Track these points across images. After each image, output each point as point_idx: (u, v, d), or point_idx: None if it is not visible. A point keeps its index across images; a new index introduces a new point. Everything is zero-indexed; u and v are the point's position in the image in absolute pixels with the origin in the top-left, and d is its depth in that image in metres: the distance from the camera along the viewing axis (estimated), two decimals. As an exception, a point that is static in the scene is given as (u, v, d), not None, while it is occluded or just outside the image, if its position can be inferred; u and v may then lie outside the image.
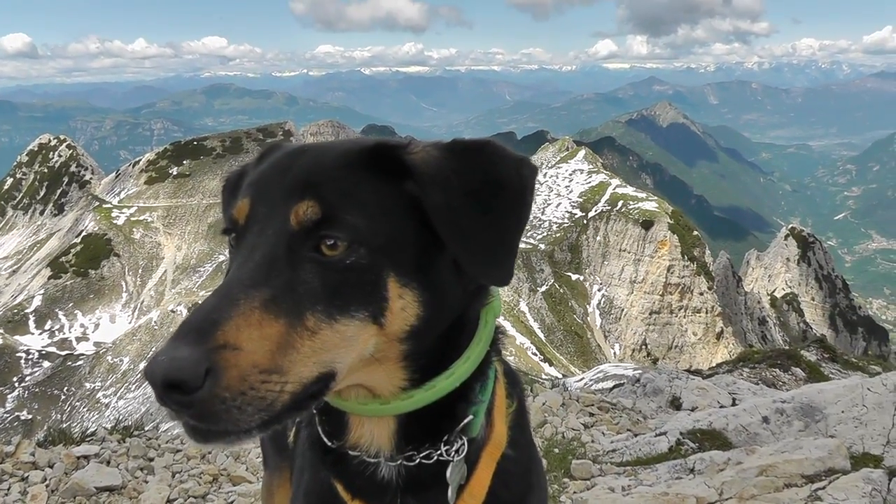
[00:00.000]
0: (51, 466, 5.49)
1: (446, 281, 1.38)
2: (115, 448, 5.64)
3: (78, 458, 5.54)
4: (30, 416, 68.27)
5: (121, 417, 7.72)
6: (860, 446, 5.00)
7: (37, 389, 71.32)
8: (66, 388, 72.56)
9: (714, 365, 13.43)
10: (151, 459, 5.52)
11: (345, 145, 1.43)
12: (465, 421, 1.47)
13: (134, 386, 72.89)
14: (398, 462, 1.47)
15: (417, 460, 1.46)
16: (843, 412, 5.39)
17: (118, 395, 72.38)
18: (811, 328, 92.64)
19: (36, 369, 73.38)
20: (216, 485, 5.18)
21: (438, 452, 1.46)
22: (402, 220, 1.33)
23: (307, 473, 1.68)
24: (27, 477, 5.37)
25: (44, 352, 75.77)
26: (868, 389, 5.43)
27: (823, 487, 4.21)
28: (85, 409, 70.02)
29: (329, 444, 1.52)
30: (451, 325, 1.42)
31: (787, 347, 13.33)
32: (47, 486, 5.26)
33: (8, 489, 5.24)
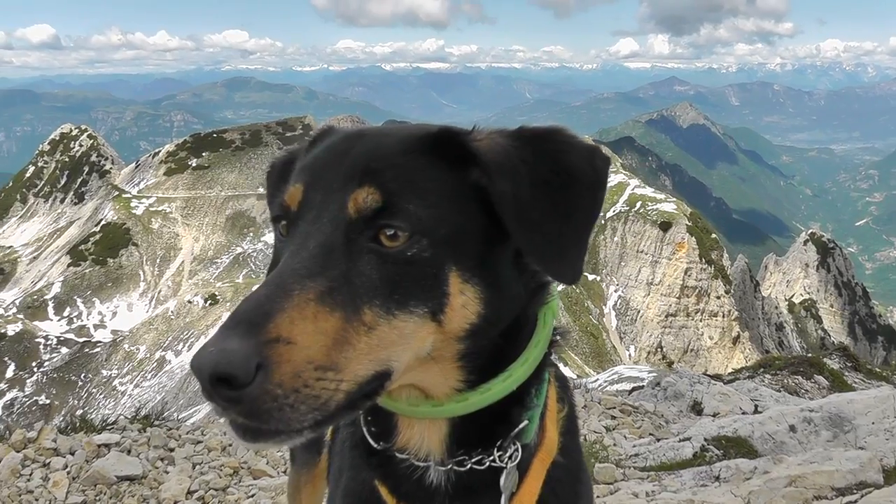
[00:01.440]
0: (72, 454, 5.50)
1: (507, 277, 1.31)
2: (136, 437, 5.65)
3: (99, 446, 5.55)
4: (48, 401, 69.12)
5: (138, 406, 7.74)
6: (891, 459, 4.89)
7: (55, 375, 72.17)
8: (83, 375, 73.39)
9: (734, 370, 13.28)
10: (172, 450, 5.52)
11: (406, 130, 1.37)
12: (520, 426, 1.41)
13: (150, 374, 73.61)
14: (448, 467, 1.39)
15: (469, 466, 1.39)
16: (873, 423, 5.28)
17: (134, 382, 73.11)
18: (829, 335, 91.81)
19: (54, 355, 74.25)
20: (237, 478, 5.16)
21: (491, 458, 1.39)
22: (465, 210, 1.26)
23: (347, 474, 1.62)
24: (49, 463, 5.38)
25: (62, 338, 76.66)
26: (899, 400, 5.32)
27: (855, 501, 4.12)
28: (101, 396, 70.78)
29: (375, 445, 1.45)
30: (509, 324, 1.34)
31: (808, 354, 13.14)
32: (68, 473, 5.26)
33: (30, 474, 5.25)
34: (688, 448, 5.48)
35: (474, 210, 1.27)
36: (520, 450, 1.41)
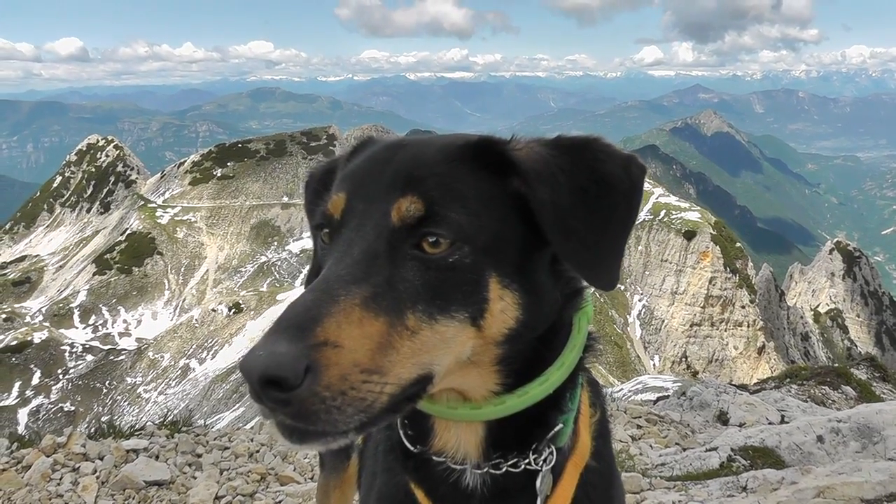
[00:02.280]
0: (101, 458, 5.57)
1: (544, 283, 1.34)
2: (164, 443, 5.71)
3: (127, 451, 5.62)
4: (72, 408, 69.80)
5: (165, 412, 7.83)
6: (921, 470, 4.82)
7: (80, 382, 72.89)
8: (107, 382, 74.05)
9: (760, 380, 13.14)
10: (199, 455, 5.58)
11: (447, 140, 1.39)
12: (555, 430, 1.43)
13: (174, 382, 74.16)
14: (484, 470, 1.42)
15: (504, 468, 1.41)
16: (903, 433, 5.21)
17: (158, 390, 73.64)
18: (856, 346, 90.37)
19: (79, 362, 75.01)
20: (264, 484, 5.21)
21: (526, 461, 1.41)
22: (505, 218, 1.29)
23: (381, 477, 1.64)
24: (78, 468, 5.46)
25: (87, 345, 77.45)
26: (930, 411, 5.25)
27: (885, 511, 4.07)
28: (125, 403, 71.36)
29: (412, 448, 1.47)
30: (546, 329, 1.37)
31: (835, 365, 12.97)
32: (98, 477, 5.34)
33: (60, 479, 5.33)
34: (714, 458, 5.44)
35: (513, 218, 1.29)
36: (554, 453, 1.43)
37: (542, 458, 1.42)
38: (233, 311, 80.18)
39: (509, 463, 1.41)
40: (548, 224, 1.26)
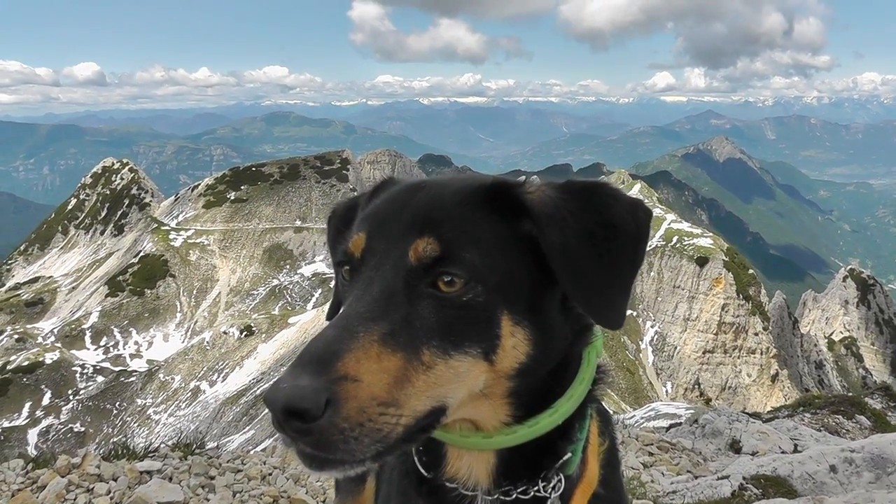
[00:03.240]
0: (115, 480, 5.61)
1: (555, 320, 1.40)
2: (177, 465, 5.74)
3: (141, 472, 5.65)
4: (83, 429, 69.81)
5: (175, 435, 7.87)
6: (936, 501, 4.79)
7: (90, 403, 72.94)
8: (118, 403, 74.05)
9: (773, 408, 13.05)
10: (213, 478, 5.60)
11: (462, 182, 1.44)
12: (564, 458, 1.48)
13: (184, 404, 74.11)
14: (495, 496, 1.47)
15: (514, 495, 1.46)
16: (917, 464, 5.18)
17: (168, 412, 73.58)
18: (871, 374, 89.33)
19: (90, 383, 75.15)
20: (275, 507, 5.23)
21: (536, 489, 1.46)
22: (516, 258, 1.34)
23: (396, 500, 1.68)
24: (92, 489, 5.49)
25: (98, 367, 77.63)
26: (944, 441, 5.22)
27: (899, 542, 4.04)
28: (135, 425, 71.27)
29: (425, 474, 1.52)
30: (556, 363, 1.43)
31: (849, 394, 12.89)
32: (111, 498, 5.37)
33: (74, 499, 5.37)
34: (726, 486, 5.42)
35: (525, 258, 1.35)
36: (563, 481, 1.48)
37: (551, 485, 1.47)
38: (244, 333, 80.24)
39: (519, 490, 1.46)
40: (557, 265, 1.31)
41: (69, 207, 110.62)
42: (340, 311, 1.30)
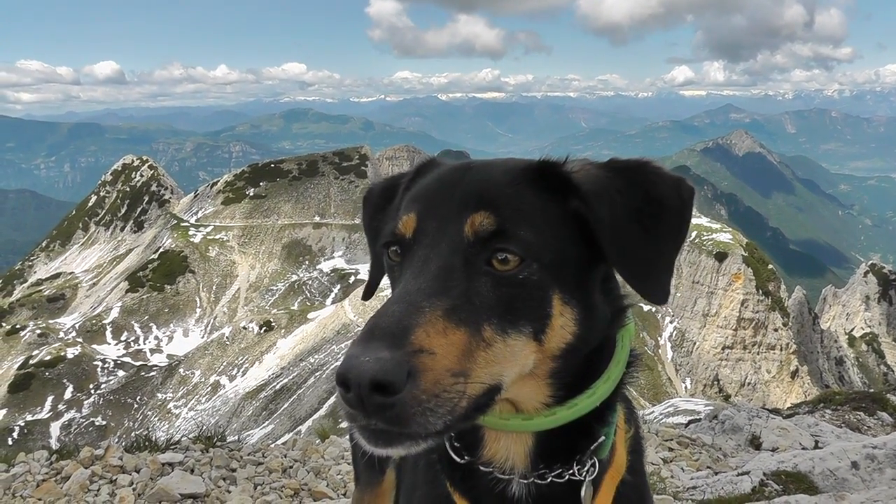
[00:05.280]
0: (137, 471, 5.68)
1: (598, 300, 1.41)
2: (199, 457, 5.80)
3: (163, 464, 5.72)
4: (104, 422, 70.60)
5: (199, 427, 7.92)
6: (960, 497, 4.73)
7: (111, 397, 73.75)
8: (138, 398, 74.82)
9: (793, 404, 12.95)
10: (234, 470, 5.65)
11: (510, 163, 1.47)
12: (598, 441, 1.49)
13: (204, 399, 74.72)
14: (530, 480, 1.47)
15: (549, 479, 1.46)
16: (940, 460, 5.13)
17: (188, 406, 74.24)
18: (892, 371, 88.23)
19: (111, 378, 75.97)
20: (297, 499, 5.26)
21: (571, 472, 1.46)
22: (566, 236, 1.36)
23: (422, 489, 1.68)
24: (115, 480, 5.57)
25: (119, 361, 78.48)
26: (969, 437, 5.16)
27: (922, 538, 4.01)
28: (156, 419, 72.00)
29: (458, 459, 1.51)
30: (596, 344, 1.44)
31: (871, 390, 12.76)
32: (134, 489, 5.44)
33: (98, 490, 5.44)
34: (746, 482, 5.39)
35: (573, 236, 1.37)
36: (597, 464, 1.48)
37: (585, 469, 1.47)
38: (263, 329, 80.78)
39: (554, 473, 1.46)
40: (606, 242, 1.33)
41: (90, 204, 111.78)
42: (398, 288, 1.30)
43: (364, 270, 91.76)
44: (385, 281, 1.66)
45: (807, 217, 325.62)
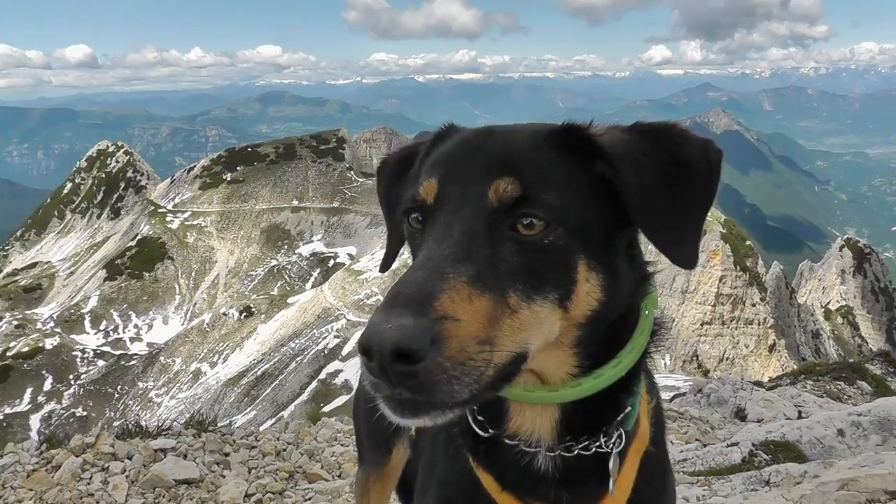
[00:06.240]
0: (129, 458, 5.66)
1: (622, 267, 1.39)
2: (192, 442, 5.79)
3: (155, 450, 5.71)
4: (84, 413, 70.10)
5: (180, 416, 7.88)
6: (944, 462, 4.85)
7: (91, 387, 73.18)
8: (119, 387, 74.33)
9: (775, 377, 13.16)
10: (227, 454, 5.65)
11: (532, 127, 1.44)
12: (625, 412, 1.46)
13: (185, 386, 74.40)
14: (556, 453, 1.45)
15: (576, 451, 1.44)
16: (924, 426, 5.24)
17: (170, 394, 73.90)
18: (867, 342, 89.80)
19: (91, 368, 75.35)
20: (292, 481, 5.28)
21: (597, 444, 1.44)
22: (591, 201, 1.33)
23: (442, 465, 1.66)
24: (108, 467, 5.55)
25: (99, 351, 77.81)
26: (951, 404, 5.29)
27: (909, 502, 4.10)
28: (137, 408, 71.57)
29: (482, 433, 1.49)
30: (621, 312, 1.41)
31: (850, 361, 13.00)
32: (127, 476, 5.42)
33: (90, 478, 5.42)
34: (736, 453, 5.48)
35: (598, 201, 1.34)
36: (623, 436, 1.47)
37: (612, 440, 1.45)
38: (244, 314, 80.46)
39: (581, 445, 1.44)
40: (634, 206, 1.31)
41: (65, 192, 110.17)
42: (421, 255, 1.27)
43: (343, 254, 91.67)
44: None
45: (784, 193, 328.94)
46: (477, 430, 1.49)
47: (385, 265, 1.71)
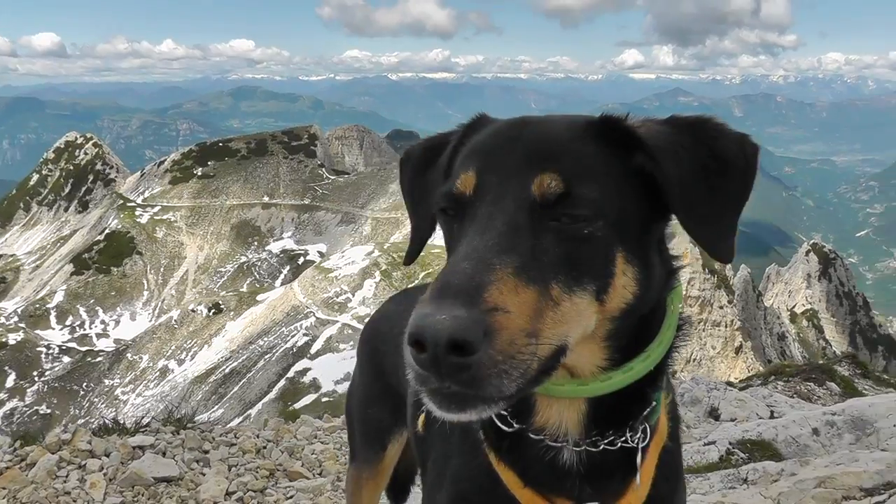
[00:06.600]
0: (107, 455, 5.56)
1: (654, 260, 1.39)
2: (171, 439, 5.71)
3: (133, 448, 5.62)
4: (48, 411, 68.87)
5: (145, 414, 7.78)
6: (915, 461, 4.98)
7: (56, 384, 71.97)
8: (84, 384, 73.19)
9: (746, 378, 13.39)
10: (206, 452, 5.59)
11: (569, 119, 1.44)
12: (651, 407, 1.46)
13: (152, 384, 73.45)
14: (582, 448, 1.44)
15: (601, 446, 1.43)
16: (895, 426, 5.38)
17: (136, 392, 72.93)
18: (831, 345, 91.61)
19: (56, 364, 74.12)
20: (273, 479, 5.24)
21: (623, 438, 1.44)
22: (629, 193, 1.33)
23: (457, 460, 1.65)
24: (85, 465, 5.44)
25: (64, 347, 76.58)
26: (921, 405, 5.43)
27: (884, 502, 4.21)
28: (103, 406, 70.52)
29: (505, 428, 1.47)
30: (651, 305, 1.41)
31: (819, 362, 13.29)
32: (105, 474, 5.33)
33: (66, 476, 5.32)
34: (713, 451, 5.57)
35: (636, 193, 1.34)
36: (648, 430, 1.46)
37: (637, 435, 1.45)
38: (212, 311, 79.60)
39: (606, 440, 1.43)
40: (675, 199, 1.31)
41: (31, 183, 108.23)
42: (464, 245, 1.24)
43: (314, 252, 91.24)
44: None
45: (753, 198, 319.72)
46: (500, 425, 1.47)
47: (410, 258, 1.69)
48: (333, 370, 58.89)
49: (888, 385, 13.25)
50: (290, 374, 64.56)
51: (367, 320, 3.05)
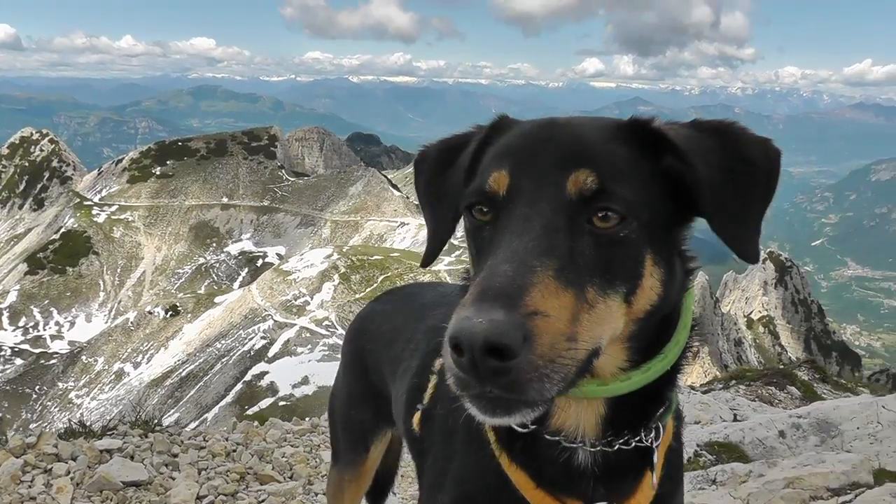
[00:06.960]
0: (74, 459, 5.44)
1: (677, 262, 1.41)
2: (139, 443, 5.61)
3: (101, 451, 5.50)
4: (0, 415, 67.11)
5: (100, 419, 7.59)
6: (876, 462, 5.13)
7: (7, 387, 70.23)
8: (37, 387, 71.47)
9: (707, 382, 13.61)
10: (175, 455, 5.49)
11: (599, 121, 1.45)
12: (665, 406, 1.48)
13: (107, 387, 71.98)
14: (597, 448, 1.45)
15: (616, 446, 1.44)
16: (858, 429, 5.53)
17: (91, 395, 71.41)
18: (786, 351, 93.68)
19: (7, 366, 72.42)
20: (244, 483, 5.17)
21: (638, 438, 1.45)
22: (658, 195, 1.34)
23: (462, 460, 1.65)
24: (51, 469, 5.31)
25: (16, 349, 74.88)
26: (883, 407, 5.60)
27: (850, 501, 4.32)
28: (56, 409, 68.96)
29: (520, 429, 1.47)
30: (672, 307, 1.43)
31: (780, 367, 13.58)
32: (72, 479, 5.21)
33: (32, 480, 5.19)
34: (682, 454, 5.65)
35: (663, 195, 1.35)
36: (661, 430, 1.48)
37: (651, 434, 1.47)
38: (169, 313, 78.32)
39: (621, 441, 1.44)
40: (705, 200, 1.32)
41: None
42: (502, 248, 1.23)
43: (272, 254, 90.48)
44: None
45: None
46: (514, 426, 1.45)
47: (428, 260, 1.67)
48: (291, 374, 58.35)
49: (845, 389, 13.58)
50: (248, 377, 63.76)
51: (352, 319, 3.05)
